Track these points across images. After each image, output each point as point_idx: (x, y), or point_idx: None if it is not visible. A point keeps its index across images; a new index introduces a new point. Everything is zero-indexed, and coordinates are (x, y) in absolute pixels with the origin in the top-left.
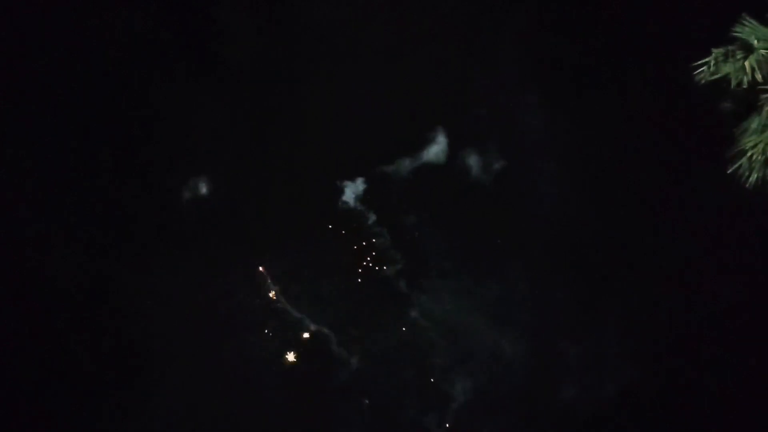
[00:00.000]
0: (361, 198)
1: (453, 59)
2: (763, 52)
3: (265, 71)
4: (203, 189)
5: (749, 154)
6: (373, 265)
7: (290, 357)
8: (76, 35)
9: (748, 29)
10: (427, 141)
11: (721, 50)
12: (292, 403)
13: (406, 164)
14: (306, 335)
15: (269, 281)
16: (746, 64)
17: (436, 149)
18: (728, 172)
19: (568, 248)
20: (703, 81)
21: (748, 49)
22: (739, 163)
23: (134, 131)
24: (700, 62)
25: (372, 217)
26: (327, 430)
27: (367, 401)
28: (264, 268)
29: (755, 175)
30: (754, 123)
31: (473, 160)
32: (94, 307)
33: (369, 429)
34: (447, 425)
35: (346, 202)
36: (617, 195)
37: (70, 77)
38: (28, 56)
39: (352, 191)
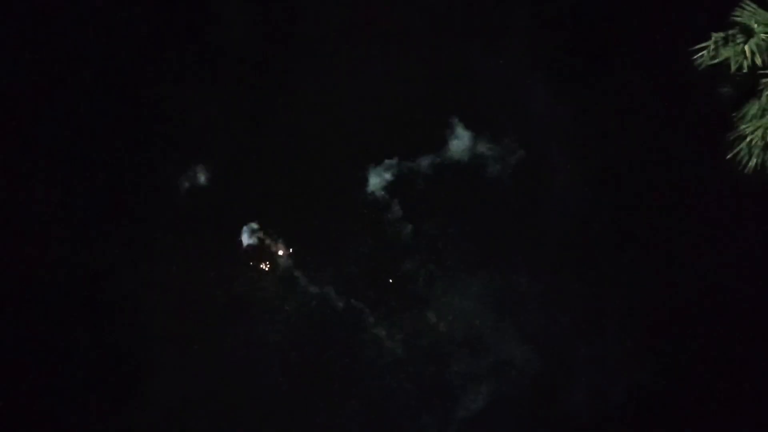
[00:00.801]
0: (376, 193)
1: (457, 49)
2: (763, 36)
3: (266, 66)
4: (202, 178)
5: (748, 139)
6: (389, 263)
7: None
8: (73, 28)
9: (748, 13)
10: (446, 136)
11: (720, 34)
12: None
13: (426, 160)
14: (310, 329)
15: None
16: (746, 48)
17: (457, 144)
18: (727, 157)
19: (583, 250)
20: (702, 66)
21: (748, 34)
22: (738, 148)
23: (131, 121)
24: (699, 46)
25: (396, 212)
26: (329, 428)
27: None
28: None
29: (754, 161)
30: (754, 108)
31: (492, 155)
32: (91, 299)
33: (373, 429)
34: (454, 429)
35: (365, 194)
36: (618, 187)
37: (68, 69)
38: (26, 50)
39: (374, 182)
